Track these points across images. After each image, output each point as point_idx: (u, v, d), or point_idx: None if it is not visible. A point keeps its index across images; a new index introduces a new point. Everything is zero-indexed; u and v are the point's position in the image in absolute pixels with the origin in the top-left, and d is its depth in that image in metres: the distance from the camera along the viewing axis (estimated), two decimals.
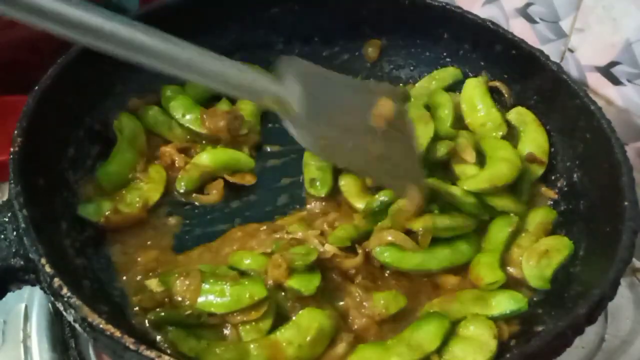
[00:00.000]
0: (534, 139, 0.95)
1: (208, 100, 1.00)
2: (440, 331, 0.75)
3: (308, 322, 0.74)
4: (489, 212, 0.88)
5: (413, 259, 0.82)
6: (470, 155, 0.91)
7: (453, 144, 0.92)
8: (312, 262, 0.78)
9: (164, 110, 0.97)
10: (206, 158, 0.92)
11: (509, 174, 0.88)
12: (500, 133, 0.96)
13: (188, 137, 0.96)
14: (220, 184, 0.92)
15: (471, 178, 0.88)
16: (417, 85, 1.06)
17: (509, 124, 0.98)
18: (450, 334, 0.76)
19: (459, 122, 0.98)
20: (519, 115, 0.98)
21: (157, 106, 0.97)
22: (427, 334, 0.75)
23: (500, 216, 0.88)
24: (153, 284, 0.79)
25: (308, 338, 0.73)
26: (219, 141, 0.95)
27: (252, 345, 0.73)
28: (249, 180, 0.93)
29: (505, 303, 0.79)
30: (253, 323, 0.75)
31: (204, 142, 0.96)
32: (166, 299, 0.77)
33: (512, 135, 0.97)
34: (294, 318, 0.76)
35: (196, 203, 0.91)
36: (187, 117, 0.95)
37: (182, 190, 0.90)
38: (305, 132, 0.73)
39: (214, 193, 0.91)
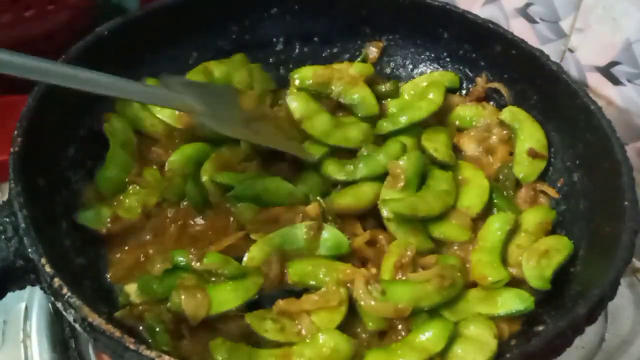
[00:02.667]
0: (531, 135, 0.96)
1: None
2: (444, 333, 0.74)
3: (325, 341, 0.74)
4: None
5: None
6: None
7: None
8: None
9: (143, 105, 0.95)
10: (176, 160, 0.90)
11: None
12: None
13: (169, 132, 0.95)
14: None
15: None
16: (411, 82, 1.05)
17: (503, 123, 0.98)
18: (454, 336, 0.75)
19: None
20: (512, 113, 0.98)
21: (137, 102, 0.95)
22: (431, 336, 0.74)
23: (496, 213, 0.89)
24: (132, 289, 0.78)
25: (321, 355, 0.73)
26: (196, 138, 0.94)
27: (265, 352, 0.73)
28: None
29: (512, 302, 0.78)
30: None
31: (177, 140, 0.95)
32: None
33: (508, 134, 0.98)
34: (316, 335, 0.75)
35: None
36: (164, 110, 0.94)
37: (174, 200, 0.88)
38: (215, 121, 0.88)
39: None
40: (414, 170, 0.89)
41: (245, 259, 0.81)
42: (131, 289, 0.78)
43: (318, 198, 0.87)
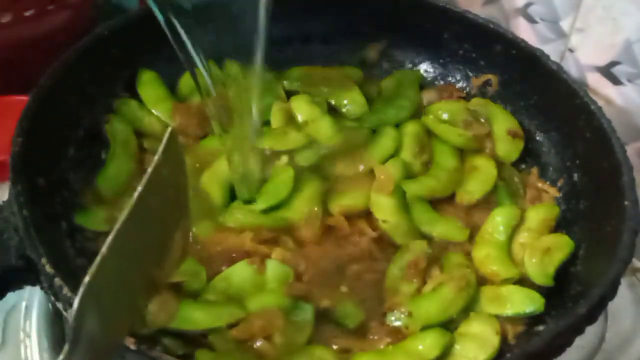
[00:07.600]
0: (505, 118, 0.98)
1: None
2: (440, 342, 0.74)
3: (311, 354, 0.73)
4: None
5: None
6: None
7: None
8: None
9: (138, 99, 0.96)
10: None
11: None
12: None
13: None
14: None
15: None
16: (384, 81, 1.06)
17: (473, 113, 0.99)
18: (449, 346, 0.75)
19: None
20: (479, 103, 1.00)
21: (133, 100, 0.96)
22: (426, 344, 0.73)
23: (500, 207, 0.89)
24: None
25: None
26: (188, 135, 0.94)
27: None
28: None
29: (522, 303, 0.78)
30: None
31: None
32: None
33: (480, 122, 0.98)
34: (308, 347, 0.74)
35: None
36: (159, 106, 0.94)
37: None
38: None
39: None
40: (400, 176, 0.90)
41: None
42: None
43: (315, 209, 0.86)
